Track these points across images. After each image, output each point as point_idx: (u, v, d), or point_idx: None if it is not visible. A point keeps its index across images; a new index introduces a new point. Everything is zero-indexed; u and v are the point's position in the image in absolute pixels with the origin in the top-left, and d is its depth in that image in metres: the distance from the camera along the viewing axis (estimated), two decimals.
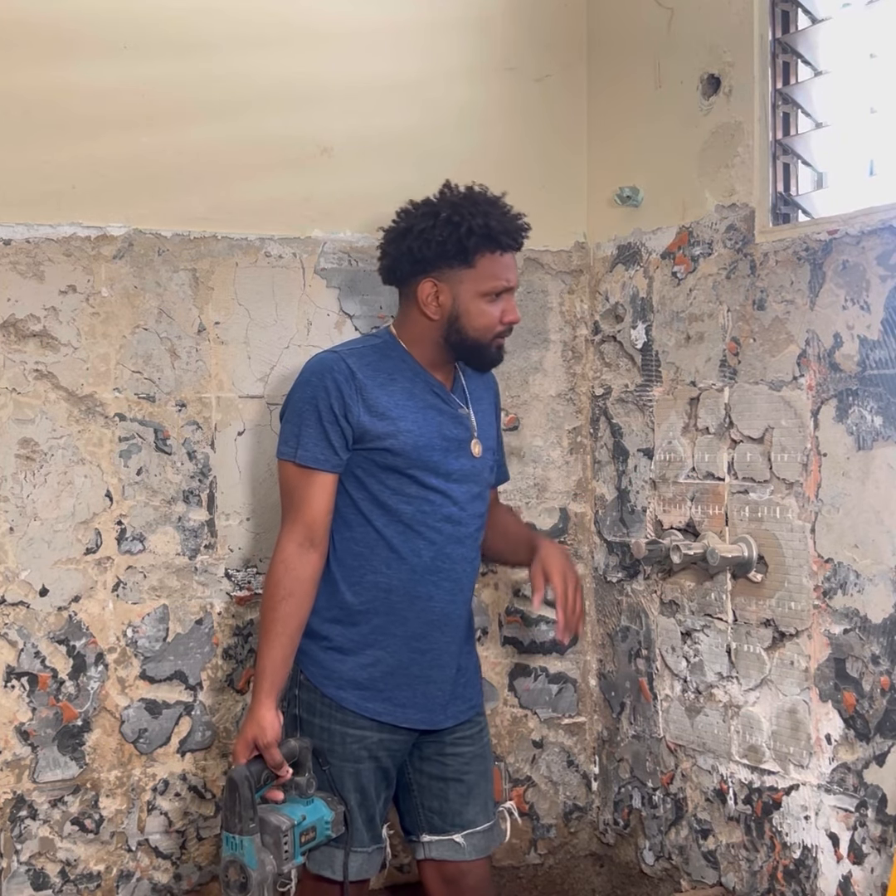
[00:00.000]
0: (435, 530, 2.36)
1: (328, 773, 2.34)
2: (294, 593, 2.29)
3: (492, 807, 2.50)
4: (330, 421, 2.29)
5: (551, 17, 3.01)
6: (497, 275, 2.34)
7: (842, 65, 2.47)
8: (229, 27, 2.70)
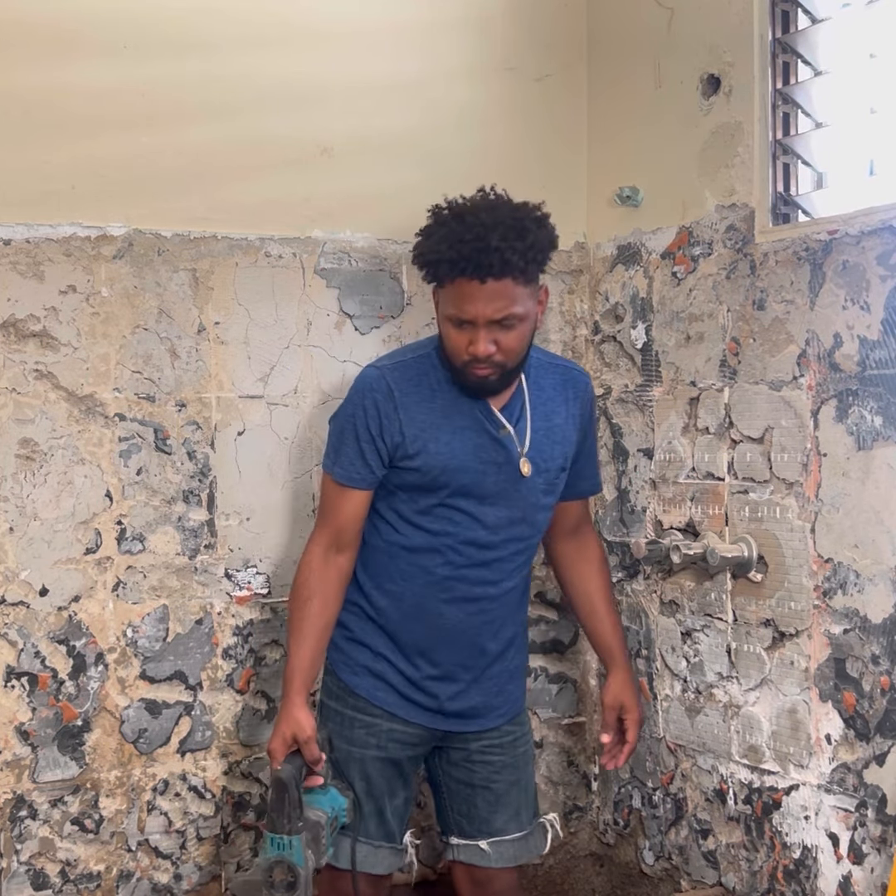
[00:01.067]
0: (456, 551, 2.36)
1: (335, 758, 2.38)
2: (318, 593, 2.32)
3: (527, 817, 2.49)
4: (367, 440, 2.31)
5: (551, 17, 3.01)
6: (457, 303, 2.20)
7: (842, 65, 2.47)
8: (229, 27, 2.70)
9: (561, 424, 2.41)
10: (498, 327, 2.19)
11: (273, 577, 2.77)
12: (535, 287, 2.26)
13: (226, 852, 2.76)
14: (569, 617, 3.07)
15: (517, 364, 2.28)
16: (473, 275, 2.14)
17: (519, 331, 2.22)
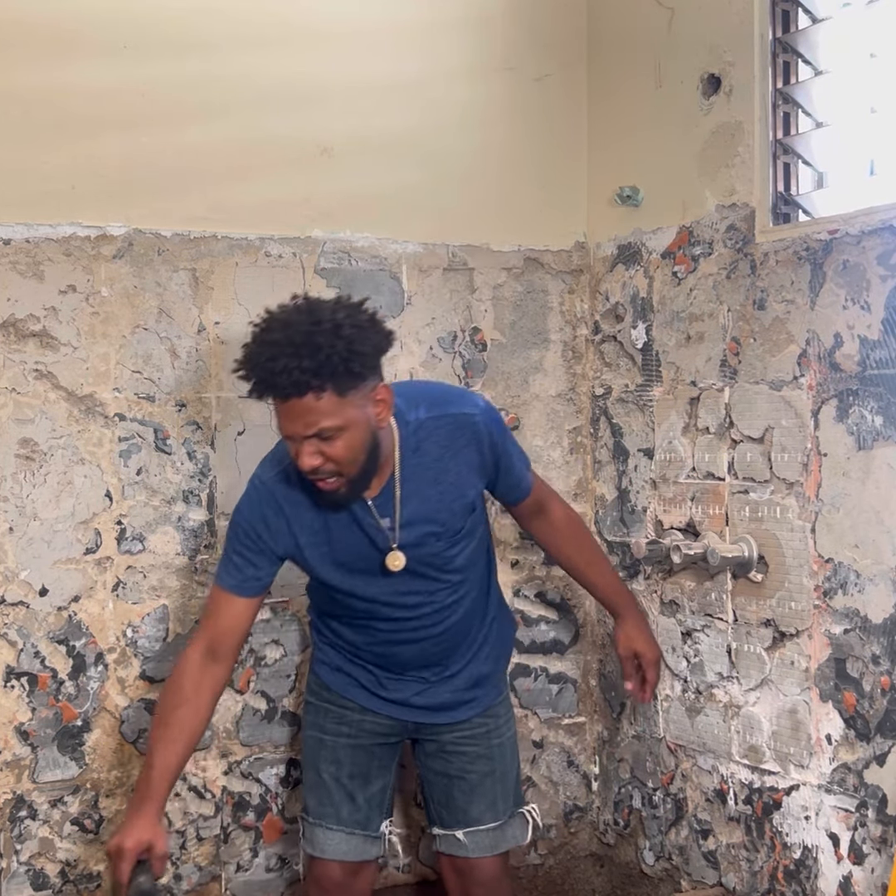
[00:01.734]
0: (376, 628, 2.40)
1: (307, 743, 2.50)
2: (190, 702, 2.30)
3: (504, 807, 2.51)
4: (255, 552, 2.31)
5: (551, 17, 3.01)
6: (277, 419, 2.18)
7: (842, 64, 2.47)
8: (229, 27, 2.70)
9: (454, 481, 2.32)
10: (318, 440, 2.13)
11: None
12: (361, 391, 2.14)
13: (226, 852, 2.76)
14: (569, 617, 3.07)
15: (359, 471, 2.19)
16: (274, 396, 2.12)
17: (343, 440, 2.13)
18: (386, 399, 2.20)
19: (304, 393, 2.08)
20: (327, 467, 2.15)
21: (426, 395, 2.36)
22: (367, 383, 2.15)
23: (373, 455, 2.20)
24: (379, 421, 2.20)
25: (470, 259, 2.94)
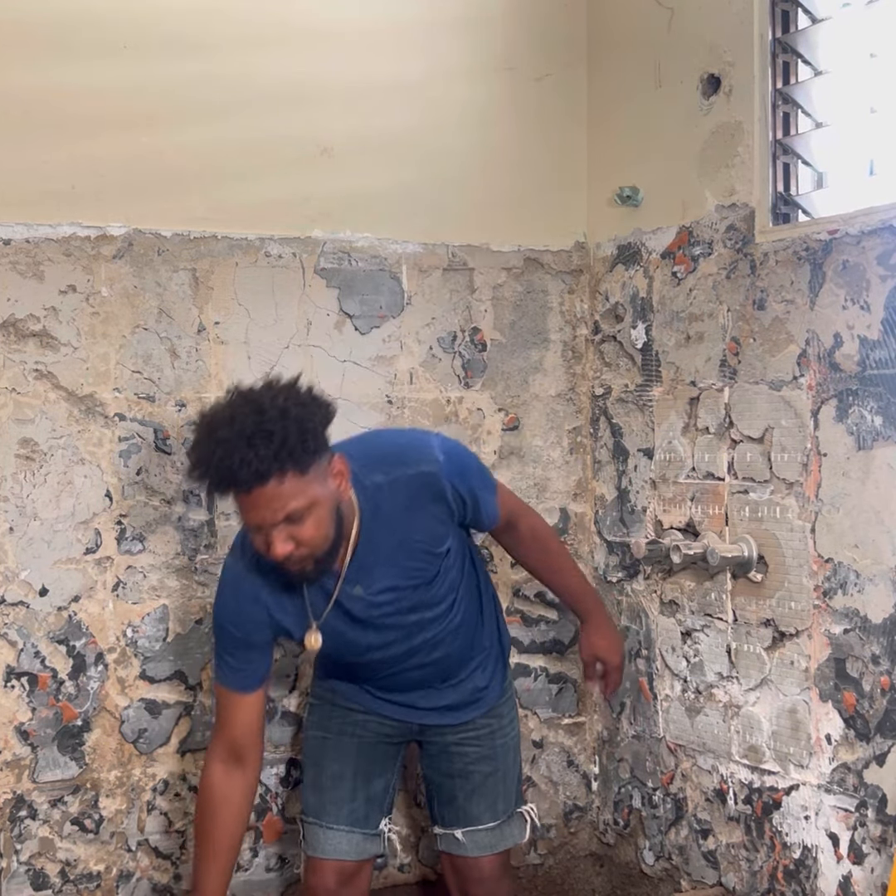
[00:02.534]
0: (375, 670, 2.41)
1: (309, 742, 2.51)
2: (223, 816, 2.32)
3: (504, 807, 2.52)
4: (245, 647, 2.29)
5: (551, 17, 3.01)
6: (241, 513, 2.14)
7: (842, 65, 2.47)
8: (229, 27, 2.70)
9: (422, 538, 2.30)
10: (287, 524, 2.10)
11: None
12: (319, 468, 2.12)
13: None
14: (569, 617, 3.06)
15: (328, 546, 2.17)
16: (237, 489, 2.08)
17: (312, 520, 2.11)
18: (342, 470, 2.17)
19: (266, 480, 2.04)
20: (300, 552, 2.12)
21: (381, 457, 2.32)
22: (323, 458, 2.12)
23: (339, 528, 2.18)
24: (341, 493, 2.17)
25: (470, 259, 2.94)
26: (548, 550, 2.62)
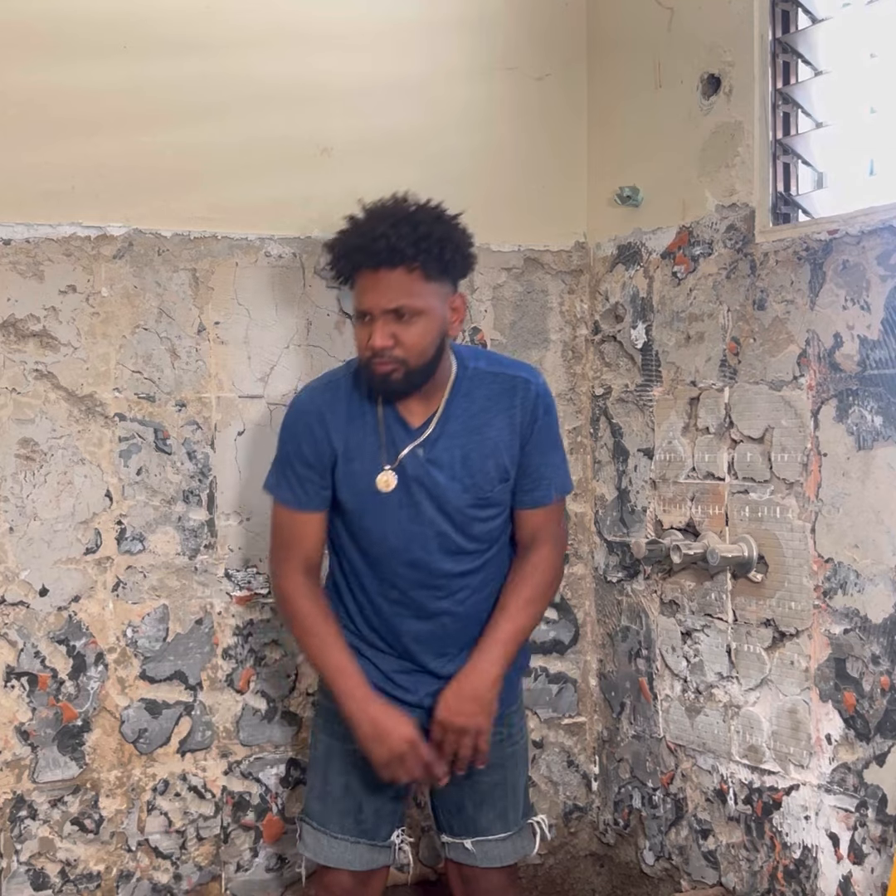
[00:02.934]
0: (397, 575, 2.35)
1: (320, 750, 2.44)
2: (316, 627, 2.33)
3: (515, 817, 2.47)
4: (306, 465, 2.32)
5: (551, 17, 3.01)
6: (357, 296, 2.22)
7: (842, 65, 2.47)
8: (229, 27, 2.69)
9: (494, 437, 2.31)
10: (395, 320, 2.17)
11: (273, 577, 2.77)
12: (443, 288, 2.23)
13: (226, 852, 2.76)
14: (569, 617, 3.07)
15: (422, 365, 2.22)
16: (366, 264, 2.17)
17: (419, 327, 2.18)
18: (460, 309, 2.27)
19: (396, 264, 2.14)
20: (396, 353, 2.18)
21: (489, 355, 2.45)
22: (450, 283, 2.23)
23: (436, 359, 2.24)
24: (451, 327, 2.25)
25: None
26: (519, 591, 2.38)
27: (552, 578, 2.43)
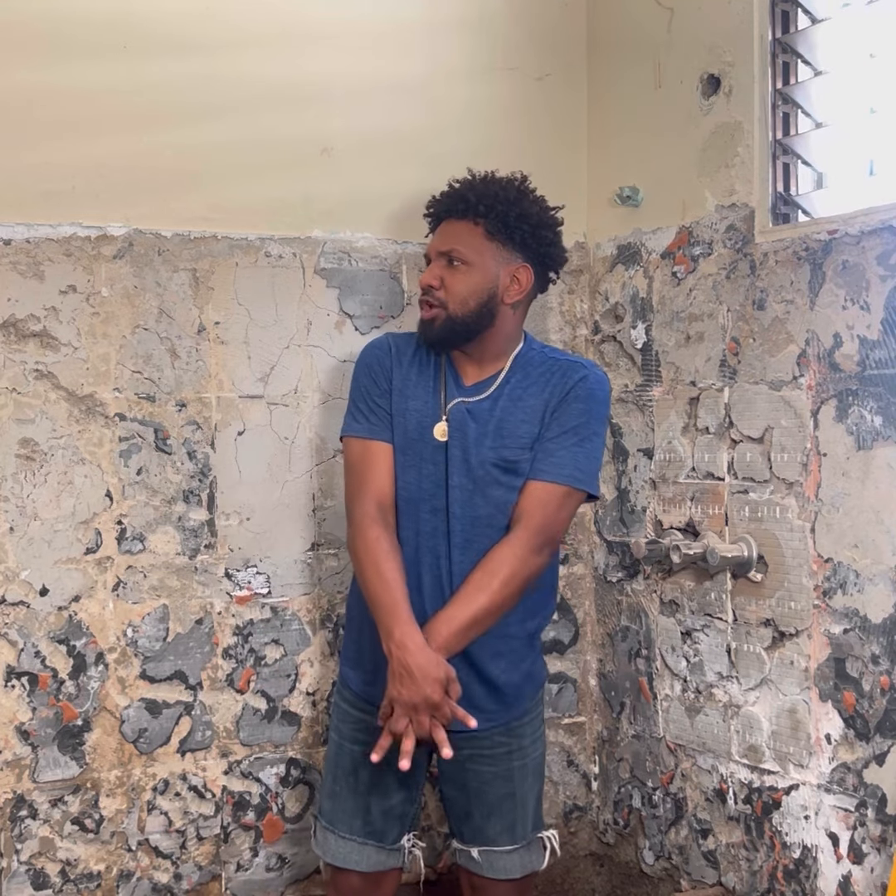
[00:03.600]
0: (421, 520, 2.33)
1: (331, 748, 2.44)
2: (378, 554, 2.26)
3: (523, 831, 2.43)
4: (377, 395, 2.38)
5: (551, 17, 3.01)
6: (432, 241, 2.38)
7: (842, 65, 2.47)
8: (229, 27, 2.69)
9: (533, 405, 2.33)
10: (447, 265, 2.32)
11: (273, 576, 2.77)
12: (506, 253, 2.33)
13: (226, 852, 2.77)
14: (569, 617, 3.07)
15: (462, 316, 2.31)
16: (442, 213, 2.37)
17: (465, 276, 2.31)
18: (522, 281, 2.36)
19: (463, 215, 2.32)
20: (439, 294, 2.31)
21: (554, 347, 2.57)
22: (517, 253, 2.34)
23: (480, 317, 2.32)
24: (505, 292, 2.34)
25: None
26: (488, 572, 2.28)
27: (514, 571, 2.26)
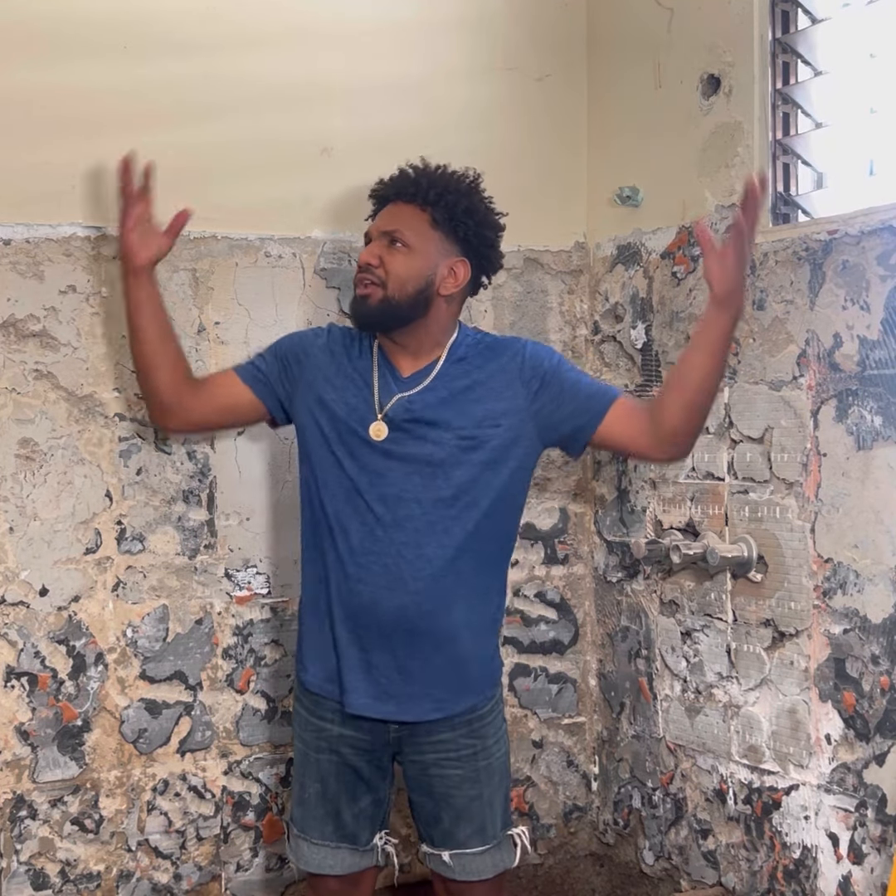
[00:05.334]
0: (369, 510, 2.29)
1: (297, 757, 2.40)
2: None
3: (493, 831, 2.40)
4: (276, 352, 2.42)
5: (551, 17, 3.01)
6: (375, 222, 2.38)
7: (842, 65, 2.47)
8: (229, 27, 2.69)
9: (485, 381, 2.32)
10: (388, 245, 2.31)
11: (273, 577, 2.77)
12: (448, 245, 2.32)
13: (226, 852, 2.77)
14: (568, 617, 3.07)
15: (399, 298, 2.28)
16: (390, 196, 2.37)
17: (406, 258, 2.29)
18: (458, 274, 2.34)
19: (411, 200, 2.32)
20: (378, 272, 2.29)
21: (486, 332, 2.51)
22: (458, 246, 2.33)
23: (416, 303, 2.31)
24: (441, 283, 2.32)
25: None
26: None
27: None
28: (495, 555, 2.39)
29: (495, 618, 2.42)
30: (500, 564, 2.41)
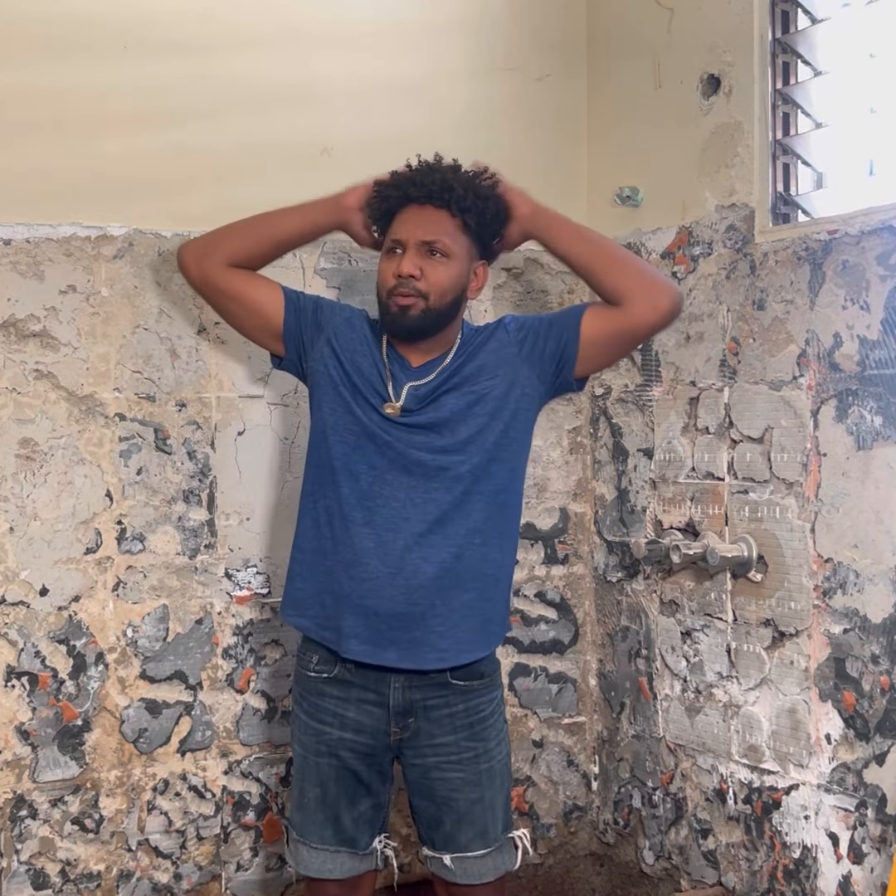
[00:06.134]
0: (379, 453, 2.28)
1: (296, 761, 2.37)
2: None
3: (495, 833, 2.39)
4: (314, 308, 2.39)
5: (551, 17, 3.02)
6: (395, 229, 2.28)
7: (842, 65, 2.47)
8: (229, 27, 2.70)
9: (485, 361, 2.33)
10: (427, 255, 2.24)
11: (273, 576, 2.77)
12: (473, 248, 2.30)
13: (226, 852, 2.77)
14: (568, 617, 3.07)
15: (439, 308, 2.25)
16: (417, 198, 2.26)
17: (447, 268, 2.25)
18: (480, 277, 2.34)
19: (445, 204, 2.25)
20: (419, 285, 2.23)
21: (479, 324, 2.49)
22: (478, 248, 2.31)
23: (452, 311, 2.30)
24: (469, 288, 2.32)
25: None
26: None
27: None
28: (505, 499, 2.34)
29: (502, 566, 2.35)
30: (511, 507, 2.37)
